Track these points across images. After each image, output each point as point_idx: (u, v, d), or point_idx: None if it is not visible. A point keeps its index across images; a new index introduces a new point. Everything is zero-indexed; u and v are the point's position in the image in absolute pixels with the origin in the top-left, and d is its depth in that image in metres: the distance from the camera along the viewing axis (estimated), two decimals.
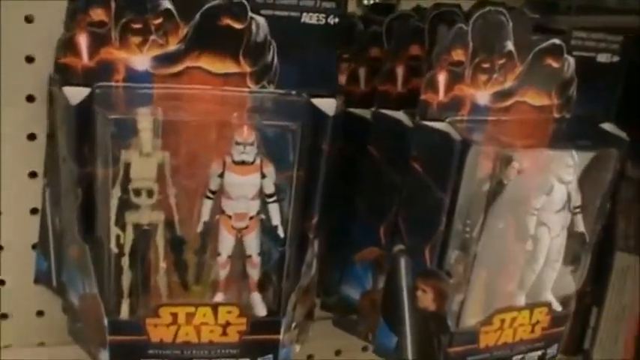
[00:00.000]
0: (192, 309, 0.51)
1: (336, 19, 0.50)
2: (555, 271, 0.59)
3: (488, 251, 0.55)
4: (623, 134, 0.60)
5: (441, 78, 0.52)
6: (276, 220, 0.52)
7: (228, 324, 0.52)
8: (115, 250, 0.49)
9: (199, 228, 0.51)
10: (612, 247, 0.73)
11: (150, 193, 0.49)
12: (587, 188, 0.58)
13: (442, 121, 0.52)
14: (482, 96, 0.54)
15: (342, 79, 0.57)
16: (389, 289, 0.57)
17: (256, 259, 0.52)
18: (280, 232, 0.52)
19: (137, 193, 0.49)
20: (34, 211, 0.58)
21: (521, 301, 0.58)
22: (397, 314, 0.56)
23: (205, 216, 0.51)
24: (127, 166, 0.48)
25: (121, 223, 0.49)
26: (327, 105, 0.50)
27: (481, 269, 0.55)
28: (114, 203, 0.48)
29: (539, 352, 0.61)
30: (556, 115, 0.57)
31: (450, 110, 0.53)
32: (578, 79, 0.57)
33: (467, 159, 0.51)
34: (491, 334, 0.57)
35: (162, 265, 0.51)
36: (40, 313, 0.62)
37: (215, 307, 0.52)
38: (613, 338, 0.75)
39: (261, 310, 0.53)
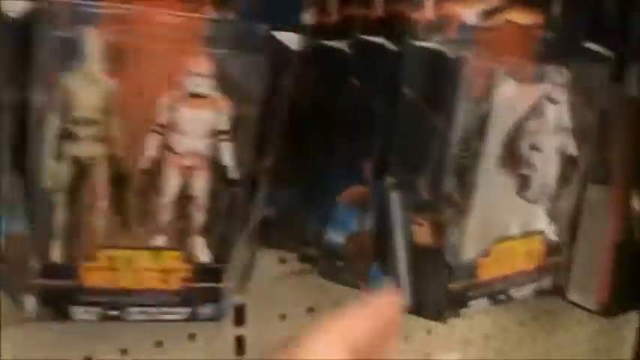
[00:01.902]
0: (131, 253, 0.47)
1: None
2: (548, 197, 0.57)
3: (483, 178, 0.51)
4: (608, 52, 0.57)
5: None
6: (227, 159, 0.48)
7: (170, 270, 0.48)
8: (48, 184, 0.44)
9: (144, 164, 0.46)
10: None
11: (92, 123, 0.44)
12: (576, 107, 0.55)
13: (431, 41, 0.48)
14: (470, 14, 0.49)
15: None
16: (380, 228, 0.52)
17: (203, 201, 0.48)
18: (232, 173, 0.48)
19: (78, 122, 0.43)
20: None
21: (516, 230, 0.56)
22: (391, 255, 0.52)
23: (151, 151, 0.46)
24: (69, 92, 0.43)
25: (56, 155, 0.44)
26: (291, 39, 0.47)
27: (477, 197, 0.52)
28: (50, 133, 0.43)
29: (535, 285, 0.59)
30: (541, 34, 0.54)
31: (438, 30, 0.48)
32: None
33: (462, 78, 0.47)
34: (489, 267, 0.54)
35: (102, 203, 0.45)
36: None
37: (157, 252, 0.48)
38: (588, 272, 0.73)
39: (204, 256, 0.49)
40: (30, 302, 0.46)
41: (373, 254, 0.53)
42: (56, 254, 0.45)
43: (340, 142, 0.54)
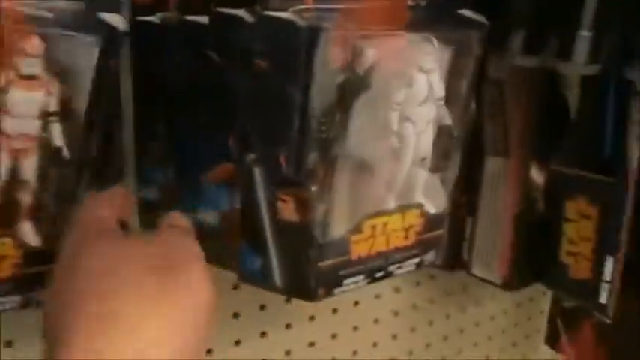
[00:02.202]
0: None
1: None
2: (425, 170, 0.55)
3: (349, 152, 0.50)
4: (482, 18, 0.55)
5: None
6: (59, 140, 0.47)
7: (2, 257, 0.47)
8: None
9: None
10: (481, 152, 0.70)
11: None
12: (450, 76, 0.54)
13: (285, 11, 0.46)
14: None
15: None
16: (246, 205, 0.51)
17: (33, 184, 0.47)
18: (65, 154, 0.47)
19: None
20: None
21: (391, 204, 0.53)
22: (258, 232, 0.51)
23: None
24: None
25: None
26: (115, 20, 0.47)
27: (344, 172, 0.50)
28: None
29: (417, 260, 0.57)
30: (410, 2, 0.52)
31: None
32: None
33: (316, 48, 0.45)
34: (362, 243, 0.52)
35: None
36: None
37: None
38: (490, 245, 0.73)
39: (34, 240, 0.48)
40: None
41: (241, 229, 0.52)
42: None
43: (205, 119, 0.52)
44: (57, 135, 0.47)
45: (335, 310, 0.76)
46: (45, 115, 0.46)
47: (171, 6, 0.53)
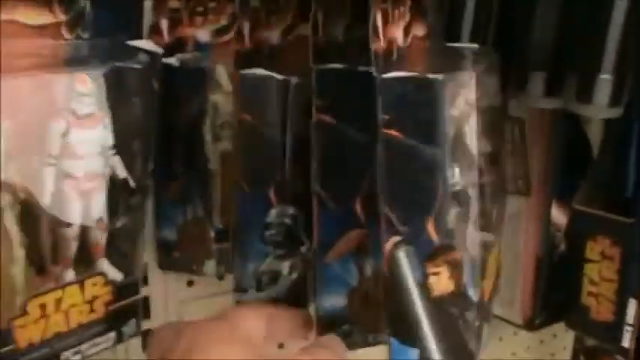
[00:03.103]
0: (59, 293, 0.46)
1: None
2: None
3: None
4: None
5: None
6: (122, 171, 0.48)
7: (94, 298, 0.48)
8: None
9: (47, 201, 0.44)
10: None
11: None
12: None
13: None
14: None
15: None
16: (391, 298, 0.46)
17: (106, 220, 0.48)
18: (130, 184, 0.49)
19: None
20: None
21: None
22: (410, 323, 0.46)
23: (50, 186, 0.45)
24: None
25: None
26: (148, 44, 0.49)
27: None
28: None
29: None
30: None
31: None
32: None
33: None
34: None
35: (20, 252, 0.44)
36: None
37: (81, 283, 0.47)
38: (511, 285, 0.72)
39: (116, 275, 0.49)
40: None
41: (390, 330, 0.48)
42: None
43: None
44: (119, 167, 0.48)
45: None
46: (105, 150, 0.47)
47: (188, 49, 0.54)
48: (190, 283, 0.64)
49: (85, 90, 0.45)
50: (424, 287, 0.46)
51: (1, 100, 0.40)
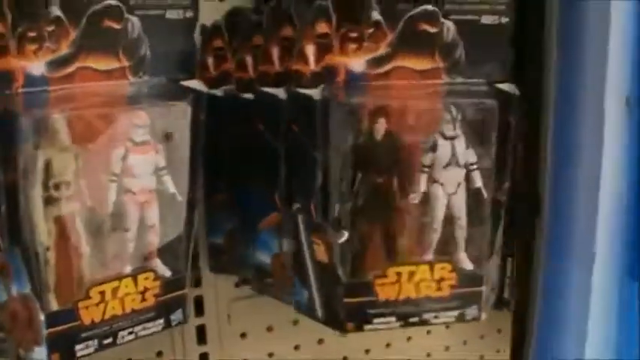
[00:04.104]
0: (116, 283, 0.56)
1: (191, 13, 0.58)
2: (463, 229, 0.61)
3: (370, 205, 0.58)
4: (512, 89, 0.62)
5: (309, 49, 0.56)
6: (172, 188, 0.58)
7: (145, 290, 0.57)
8: (44, 244, 0.52)
9: (110, 209, 0.55)
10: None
11: (68, 185, 0.53)
12: (478, 144, 0.61)
13: (315, 88, 0.57)
14: (357, 64, 0.57)
15: (229, 65, 0.64)
16: (295, 246, 0.61)
17: (158, 227, 0.58)
18: (178, 198, 0.58)
19: (57, 187, 0.52)
20: None
21: (426, 258, 0.61)
22: (304, 270, 0.61)
23: (113, 197, 0.55)
24: (48, 163, 0.51)
25: (44, 219, 0.52)
26: (197, 84, 0.58)
27: (369, 222, 0.58)
28: (38, 201, 0.51)
29: (455, 312, 0.62)
30: (445, 79, 0.60)
31: (325, 78, 0.56)
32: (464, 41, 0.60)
33: (330, 115, 0.55)
34: (388, 287, 0.59)
35: (85, 249, 0.54)
36: None
37: (135, 277, 0.57)
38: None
39: (166, 272, 0.59)
40: (40, 353, 0.53)
41: (293, 270, 0.61)
42: (54, 304, 0.53)
43: (255, 178, 0.63)
44: (169, 184, 0.57)
45: (388, 345, 0.84)
46: (157, 170, 0.57)
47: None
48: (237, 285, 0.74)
49: (140, 122, 0.55)
50: (310, 249, 0.59)
51: (75, 129, 0.52)
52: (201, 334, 0.73)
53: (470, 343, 0.89)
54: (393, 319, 0.60)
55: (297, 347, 0.78)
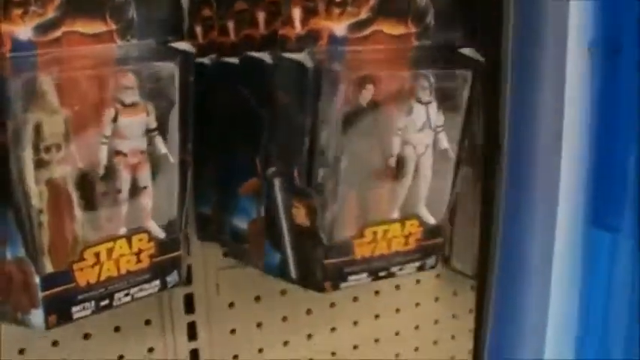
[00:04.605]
0: (111, 244, 0.57)
1: None
2: (426, 186, 0.64)
3: (354, 169, 0.60)
4: (478, 56, 0.64)
5: (296, 13, 0.57)
6: (163, 149, 0.59)
7: (140, 251, 0.58)
8: (37, 207, 0.52)
9: (102, 171, 0.56)
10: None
11: (58, 148, 0.53)
12: (447, 108, 0.63)
13: (301, 52, 0.58)
14: (339, 28, 0.58)
15: (214, 33, 0.65)
16: (268, 210, 0.62)
17: (150, 188, 0.59)
18: (170, 159, 0.59)
19: (48, 150, 0.53)
20: None
21: (395, 215, 0.64)
22: (278, 233, 0.62)
23: (104, 159, 0.56)
24: (38, 126, 0.52)
25: (36, 182, 0.52)
26: (185, 46, 0.59)
27: (349, 186, 0.61)
28: (29, 164, 0.52)
29: (417, 264, 0.66)
30: (415, 43, 0.62)
31: (309, 42, 0.58)
32: (434, 7, 0.62)
33: (322, 83, 0.57)
34: (365, 246, 0.62)
35: (78, 212, 0.55)
36: None
37: (129, 238, 0.58)
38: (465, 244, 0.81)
39: (160, 234, 0.60)
40: (37, 315, 0.53)
41: (265, 233, 0.63)
42: (48, 267, 0.53)
43: (239, 144, 0.64)
44: (161, 146, 0.58)
45: (377, 317, 0.86)
46: (148, 132, 0.57)
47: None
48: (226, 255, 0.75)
49: (129, 84, 0.56)
50: (288, 212, 0.61)
51: (64, 92, 0.52)
52: (189, 303, 0.74)
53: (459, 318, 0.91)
54: (365, 275, 0.63)
55: (284, 318, 0.79)
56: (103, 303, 0.56)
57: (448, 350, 0.92)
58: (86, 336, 0.68)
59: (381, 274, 0.64)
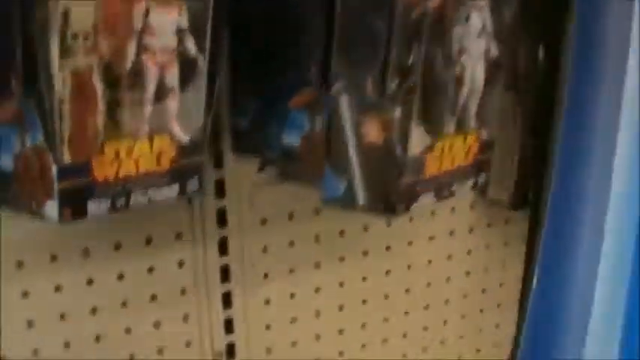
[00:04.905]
0: (131, 142, 0.54)
1: None
2: (477, 98, 0.60)
3: (423, 79, 0.56)
4: None
5: None
6: (194, 51, 0.56)
7: (161, 153, 0.56)
8: (60, 96, 0.50)
9: (128, 66, 0.53)
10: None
11: (86, 37, 0.51)
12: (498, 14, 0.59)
13: None
14: None
15: None
16: (330, 133, 0.58)
17: (177, 90, 0.56)
18: (200, 63, 0.56)
19: (75, 37, 0.50)
20: None
21: (451, 127, 0.60)
22: (342, 158, 0.58)
23: (131, 55, 0.53)
24: (66, 12, 0.49)
25: (61, 70, 0.50)
26: None
27: (418, 97, 0.57)
28: (55, 51, 0.50)
29: (472, 181, 0.63)
30: None
31: None
32: None
33: None
34: (434, 162, 0.59)
35: (101, 105, 0.53)
36: None
37: (151, 138, 0.55)
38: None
39: (183, 137, 0.57)
40: (51, 206, 0.52)
41: (325, 154, 0.59)
42: (67, 157, 0.51)
43: (288, 48, 0.60)
44: (191, 47, 0.56)
45: (410, 243, 0.83)
46: (179, 32, 0.55)
47: None
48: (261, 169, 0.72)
49: None
50: (357, 132, 0.56)
51: None
52: (221, 217, 0.72)
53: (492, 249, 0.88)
54: (432, 194, 0.60)
55: (317, 237, 0.77)
56: (120, 202, 0.54)
57: (480, 281, 0.89)
58: (117, 247, 0.67)
59: (444, 193, 0.60)
